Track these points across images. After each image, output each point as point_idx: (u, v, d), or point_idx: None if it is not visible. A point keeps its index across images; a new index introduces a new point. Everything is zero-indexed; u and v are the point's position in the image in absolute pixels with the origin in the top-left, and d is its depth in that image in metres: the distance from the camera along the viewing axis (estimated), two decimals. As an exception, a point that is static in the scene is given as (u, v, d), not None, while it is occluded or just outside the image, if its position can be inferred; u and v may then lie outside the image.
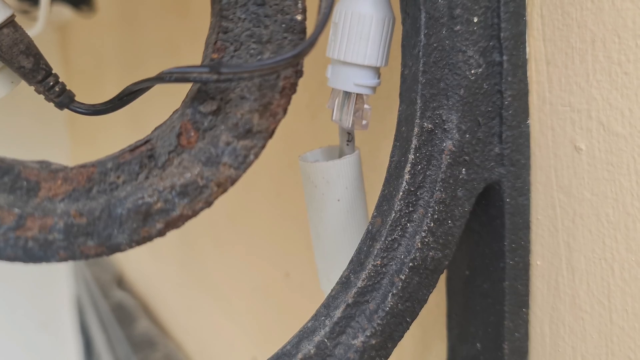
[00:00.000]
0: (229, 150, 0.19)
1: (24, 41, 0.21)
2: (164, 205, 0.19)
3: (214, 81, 0.18)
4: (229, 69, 0.18)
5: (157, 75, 0.19)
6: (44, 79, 0.21)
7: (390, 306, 0.23)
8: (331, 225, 0.29)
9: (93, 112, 0.22)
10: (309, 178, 0.29)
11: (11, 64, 0.21)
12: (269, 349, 0.53)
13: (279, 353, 0.23)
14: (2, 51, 0.20)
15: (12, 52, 0.20)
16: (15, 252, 0.17)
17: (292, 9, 0.20)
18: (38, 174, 0.18)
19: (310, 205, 0.29)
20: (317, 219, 0.29)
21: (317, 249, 0.30)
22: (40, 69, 0.21)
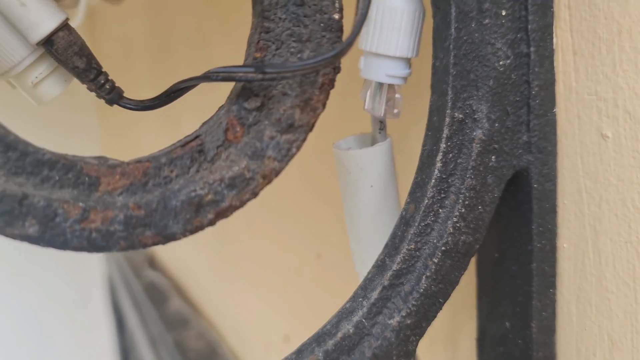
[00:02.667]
0: (273, 144, 0.21)
1: (77, 43, 0.22)
2: (214, 197, 0.20)
3: (258, 80, 0.20)
4: (272, 69, 0.19)
5: (203, 74, 0.21)
6: (95, 77, 0.22)
7: (424, 288, 0.24)
8: (365, 210, 0.30)
9: (141, 108, 0.23)
10: (343, 165, 0.30)
11: (66, 64, 0.22)
12: (301, 327, 0.54)
13: (319, 332, 0.24)
14: (58, 53, 0.22)
15: (67, 53, 0.22)
16: (80, 242, 0.18)
17: (330, 9, 0.21)
18: (98, 170, 0.19)
19: (344, 191, 0.31)
20: (351, 204, 0.31)
21: (351, 233, 0.31)
22: (92, 68, 0.22)
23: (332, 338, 0.24)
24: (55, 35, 0.22)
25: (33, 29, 0.21)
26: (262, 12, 0.21)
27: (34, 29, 0.21)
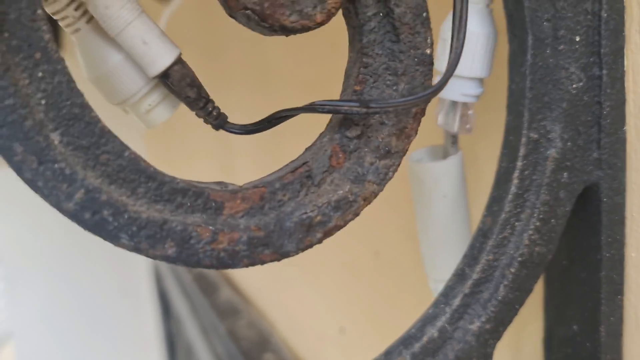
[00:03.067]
0: (372, 169, 0.23)
1: (189, 75, 0.24)
2: (322, 218, 0.22)
3: (362, 114, 0.22)
4: (376, 104, 0.21)
5: (308, 105, 0.23)
6: (204, 105, 0.25)
7: (502, 296, 0.26)
8: (437, 219, 0.32)
9: (245, 132, 0.25)
10: (417, 176, 0.32)
11: (179, 94, 0.25)
12: (357, 320, 0.57)
13: (405, 336, 0.27)
14: (172, 84, 0.24)
15: (181, 84, 0.24)
16: (211, 261, 0.21)
17: (422, 45, 0.23)
18: (222, 195, 0.22)
19: (417, 199, 0.33)
20: (424, 213, 0.33)
21: (422, 238, 0.34)
22: (201, 97, 0.25)
23: (418, 341, 0.26)
24: (170, 69, 0.24)
25: (153, 64, 0.24)
26: (361, 49, 0.23)
27: (153, 64, 0.24)
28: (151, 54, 0.24)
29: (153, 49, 0.24)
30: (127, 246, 0.20)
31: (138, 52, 0.24)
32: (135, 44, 0.23)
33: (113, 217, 0.19)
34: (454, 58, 0.22)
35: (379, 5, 0.23)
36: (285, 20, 0.21)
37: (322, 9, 0.21)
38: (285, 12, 0.21)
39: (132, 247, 0.20)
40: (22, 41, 0.18)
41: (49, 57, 0.19)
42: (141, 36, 0.23)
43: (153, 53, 0.24)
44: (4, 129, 0.18)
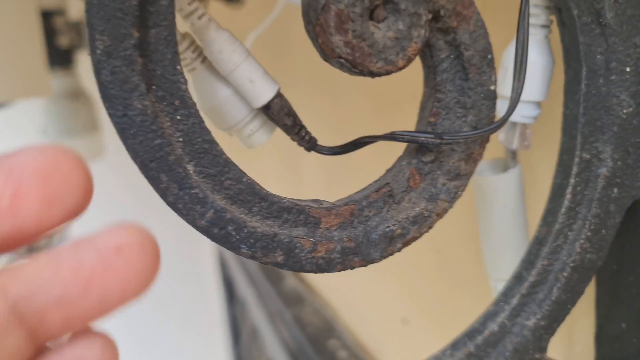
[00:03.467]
0: (444, 189, 0.27)
1: (287, 105, 0.29)
2: (402, 231, 0.26)
3: (437, 144, 0.26)
4: (449, 136, 0.25)
5: (389, 134, 0.27)
6: (298, 131, 0.29)
7: (555, 296, 0.30)
8: (498, 225, 0.36)
9: (332, 153, 0.30)
10: (480, 187, 0.36)
11: (278, 123, 0.29)
12: (420, 312, 0.61)
13: (469, 329, 0.31)
14: (273, 115, 0.29)
15: (279, 114, 0.29)
16: (311, 267, 0.25)
17: (488, 82, 0.27)
18: (319, 212, 0.26)
19: (480, 208, 0.37)
20: (486, 219, 0.36)
21: (484, 242, 0.37)
22: (296, 124, 0.29)
23: (481, 334, 0.30)
24: (271, 101, 0.28)
25: (257, 98, 0.28)
26: (435, 86, 0.27)
27: (258, 98, 0.28)
28: (256, 90, 0.28)
29: (257, 86, 0.28)
30: (246, 254, 0.24)
31: (245, 88, 0.28)
32: (243, 82, 0.28)
33: (235, 232, 0.24)
34: (515, 97, 0.26)
35: (450, 49, 0.27)
36: (373, 67, 0.25)
37: (403, 56, 0.25)
38: (373, 60, 0.25)
39: (249, 255, 0.24)
40: (165, 92, 0.23)
41: (185, 103, 0.23)
42: (248, 76, 0.28)
43: (258, 89, 0.28)
44: (154, 163, 0.23)
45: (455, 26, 0.26)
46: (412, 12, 0.25)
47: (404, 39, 0.25)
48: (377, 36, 0.25)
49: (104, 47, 0.21)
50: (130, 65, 0.22)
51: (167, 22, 0.22)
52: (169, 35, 0.23)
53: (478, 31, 0.26)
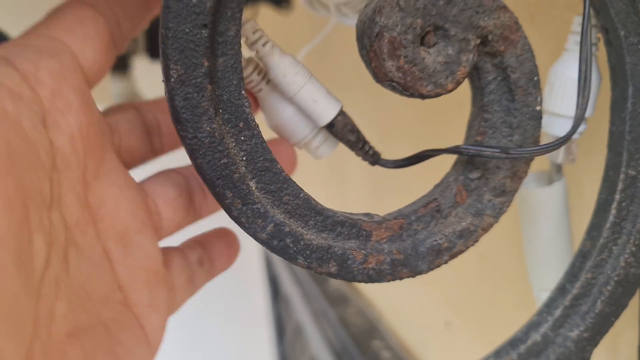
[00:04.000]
0: (490, 205, 0.28)
1: (350, 123, 0.30)
2: (449, 245, 0.28)
3: (502, 158, 0.27)
4: (515, 152, 0.27)
5: (453, 148, 0.28)
6: (362, 146, 0.31)
7: (599, 309, 0.31)
8: (542, 237, 0.37)
9: (396, 167, 0.31)
10: (523, 199, 0.37)
11: (342, 139, 0.30)
12: (462, 317, 0.62)
13: (512, 338, 0.32)
14: (337, 132, 0.30)
15: (343, 131, 0.30)
16: (362, 277, 0.27)
17: (533, 103, 0.28)
18: (370, 225, 0.28)
19: (523, 219, 0.38)
20: (530, 230, 0.37)
21: (528, 252, 0.38)
22: (360, 140, 0.31)
23: (524, 343, 0.31)
24: (335, 119, 0.30)
25: (321, 118, 0.30)
26: (482, 107, 0.28)
27: (321, 118, 0.30)
28: (320, 109, 0.30)
29: (321, 106, 0.30)
30: (302, 265, 0.26)
31: (309, 108, 0.30)
32: (307, 103, 0.30)
33: (293, 244, 0.26)
34: (579, 114, 0.27)
35: (497, 72, 0.28)
36: (423, 90, 0.26)
37: (452, 79, 0.26)
38: (424, 83, 0.26)
39: (305, 266, 0.26)
40: (231, 115, 0.25)
41: (249, 125, 0.25)
42: (311, 96, 0.29)
43: (321, 109, 0.30)
44: (220, 181, 0.25)
45: (502, 50, 0.27)
46: (462, 37, 0.26)
47: (453, 63, 0.26)
48: (428, 61, 0.26)
49: (178, 75, 0.23)
50: (201, 92, 0.24)
51: (234, 51, 0.24)
52: (235, 63, 0.25)
53: (525, 54, 0.27)
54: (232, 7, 0.24)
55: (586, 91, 0.28)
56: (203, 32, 0.23)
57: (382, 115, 0.71)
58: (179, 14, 0.23)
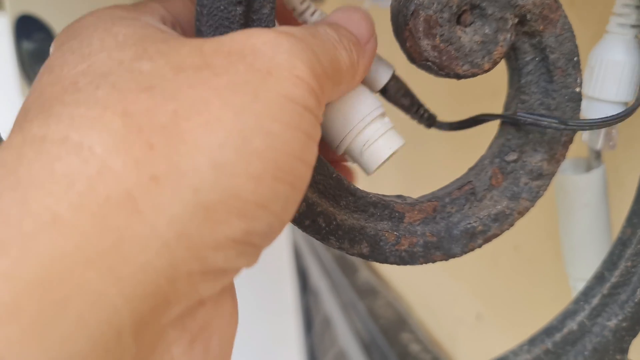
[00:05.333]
0: (526, 188, 0.28)
1: (403, 87, 0.29)
2: (483, 228, 0.27)
3: (560, 129, 0.26)
4: (573, 123, 0.26)
5: (511, 114, 0.27)
6: (417, 110, 0.30)
7: (638, 298, 0.30)
8: (580, 225, 0.36)
9: (451, 129, 0.30)
10: (561, 186, 0.36)
11: (396, 103, 0.30)
12: (494, 309, 0.61)
13: (547, 326, 0.31)
14: (391, 97, 0.29)
15: (397, 96, 0.30)
16: (395, 259, 0.27)
17: (573, 84, 0.27)
18: (403, 207, 0.27)
19: (561, 207, 0.37)
20: (567, 218, 0.37)
21: (565, 241, 0.37)
22: (414, 104, 0.30)
23: (559, 332, 0.31)
24: (388, 84, 0.29)
25: (374, 83, 0.29)
26: (519, 88, 0.28)
27: (375, 83, 0.29)
28: (372, 75, 0.29)
29: (372, 72, 0.29)
30: (334, 245, 0.26)
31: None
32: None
33: (325, 224, 0.26)
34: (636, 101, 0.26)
35: (535, 52, 0.27)
36: (459, 70, 0.26)
37: (489, 59, 0.26)
38: (459, 63, 0.26)
39: (337, 246, 0.26)
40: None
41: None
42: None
43: (373, 74, 0.29)
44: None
45: (541, 30, 0.26)
46: (499, 16, 0.25)
47: (490, 42, 0.26)
48: (464, 40, 0.25)
49: (211, 52, 0.23)
50: (234, 69, 0.23)
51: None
52: (268, 41, 0.24)
53: (564, 34, 0.27)
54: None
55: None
56: (238, 9, 0.23)
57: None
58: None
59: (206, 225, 0.17)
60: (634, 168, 0.33)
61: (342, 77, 0.23)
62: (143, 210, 0.16)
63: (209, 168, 0.17)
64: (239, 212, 0.18)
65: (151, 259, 0.16)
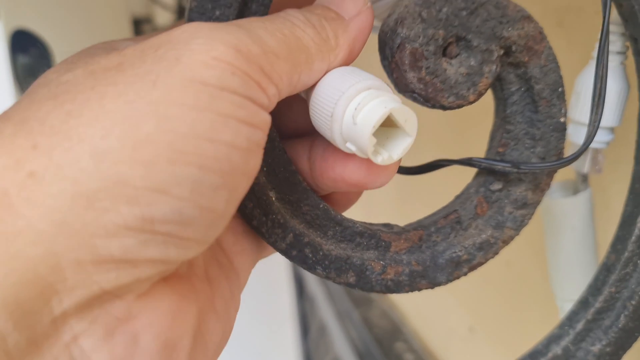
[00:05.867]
0: (511, 217, 0.28)
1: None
2: (468, 257, 0.28)
3: (513, 172, 0.27)
4: (525, 167, 0.26)
5: (466, 159, 0.28)
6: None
7: (622, 324, 0.30)
8: (566, 247, 0.36)
9: (409, 173, 0.31)
10: (548, 208, 0.37)
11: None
12: (486, 322, 0.61)
13: (532, 350, 0.32)
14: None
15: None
16: (380, 287, 0.27)
17: (557, 114, 0.28)
18: (389, 236, 0.28)
19: (547, 228, 0.37)
20: (554, 240, 0.37)
21: (551, 262, 0.38)
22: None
23: (544, 356, 0.31)
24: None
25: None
26: (505, 118, 0.28)
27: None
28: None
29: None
30: (321, 275, 0.26)
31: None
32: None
33: (312, 254, 0.26)
34: (591, 131, 0.26)
35: (521, 82, 0.28)
36: (444, 101, 0.26)
37: (474, 91, 0.26)
38: (445, 95, 0.26)
39: (324, 276, 0.26)
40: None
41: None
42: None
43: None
44: (240, 190, 0.25)
45: (526, 61, 0.27)
46: (484, 48, 0.26)
47: (475, 74, 0.26)
48: (450, 72, 0.26)
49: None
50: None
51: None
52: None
53: (549, 65, 0.27)
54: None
55: (600, 108, 0.27)
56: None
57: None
58: None
59: (89, 213, 0.17)
60: (621, 191, 0.33)
61: (309, 54, 0.23)
62: (17, 204, 0.17)
63: (89, 158, 0.17)
64: (128, 199, 0.18)
65: (24, 247, 0.17)
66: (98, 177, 0.17)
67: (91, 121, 0.18)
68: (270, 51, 0.21)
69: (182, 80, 0.18)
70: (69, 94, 0.19)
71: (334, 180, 0.26)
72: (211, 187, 0.19)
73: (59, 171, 0.17)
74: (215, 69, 0.19)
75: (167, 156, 0.18)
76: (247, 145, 0.20)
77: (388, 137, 0.23)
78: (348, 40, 0.25)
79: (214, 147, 0.19)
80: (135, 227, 0.18)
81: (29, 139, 0.18)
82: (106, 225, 0.17)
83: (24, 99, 0.20)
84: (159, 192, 0.18)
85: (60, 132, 0.18)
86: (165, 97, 0.18)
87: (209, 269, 0.24)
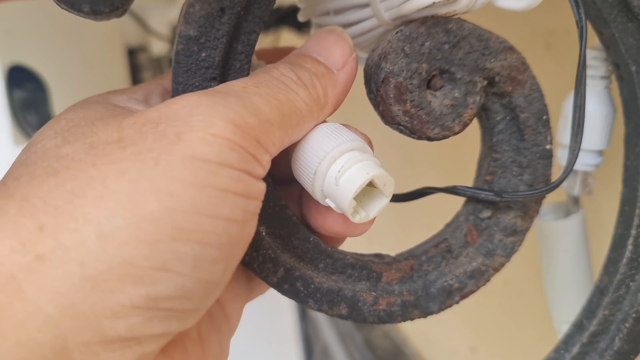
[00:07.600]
0: (501, 245, 0.28)
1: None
2: (460, 285, 0.28)
3: (496, 201, 0.27)
4: (508, 195, 0.27)
5: (451, 187, 0.28)
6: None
7: (617, 346, 0.30)
8: (560, 268, 0.37)
9: (396, 201, 0.31)
10: (541, 231, 0.37)
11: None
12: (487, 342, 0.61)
13: (529, 376, 0.32)
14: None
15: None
16: (373, 318, 0.27)
17: (543, 142, 0.28)
18: (380, 267, 0.28)
19: (541, 250, 0.37)
20: (548, 262, 0.37)
21: (547, 283, 0.38)
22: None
23: (541, 381, 0.31)
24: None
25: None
26: (492, 146, 0.28)
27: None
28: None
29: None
30: (313, 307, 0.26)
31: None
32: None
33: (303, 287, 0.26)
34: (571, 159, 0.27)
35: (506, 112, 0.28)
36: (430, 133, 0.27)
37: (459, 122, 0.27)
38: (430, 126, 0.26)
39: (316, 309, 0.26)
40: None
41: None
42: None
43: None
44: (231, 227, 0.25)
45: (510, 91, 0.27)
46: (468, 80, 0.26)
47: (460, 105, 0.26)
48: (434, 104, 0.26)
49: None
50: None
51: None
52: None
53: (533, 94, 0.27)
54: (240, 60, 0.25)
55: (579, 136, 0.27)
56: (212, 85, 0.24)
57: (404, 140, 0.72)
58: (189, 69, 0.24)
59: (96, 295, 0.17)
60: (614, 210, 0.33)
61: (301, 116, 0.23)
62: (25, 289, 0.17)
63: (95, 239, 0.17)
64: (134, 279, 0.18)
65: (31, 333, 0.17)
66: (105, 258, 0.18)
67: (96, 201, 0.18)
68: (266, 120, 0.21)
69: (182, 158, 0.19)
70: (70, 170, 0.19)
71: (316, 228, 0.27)
72: (211, 261, 0.19)
73: (66, 253, 0.17)
74: (214, 146, 0.19)
75: (169, 234, 0.18)
76: (244, 217, 0.20)
77: (365, 194, 0.24)
78: (336, 95, 0.25)
79: (213, 223, 0.19)
80: (141, 306, 0.18)
81: (34, 220, 0.18)
82: (113, 306, 0.18)
83: (23, 171, 0.20)
84: (163, 270, 0.18)
85: (65, 213, 0.18)
86: (166, 174, 0.18)
87: (200, 324, 0.25)
